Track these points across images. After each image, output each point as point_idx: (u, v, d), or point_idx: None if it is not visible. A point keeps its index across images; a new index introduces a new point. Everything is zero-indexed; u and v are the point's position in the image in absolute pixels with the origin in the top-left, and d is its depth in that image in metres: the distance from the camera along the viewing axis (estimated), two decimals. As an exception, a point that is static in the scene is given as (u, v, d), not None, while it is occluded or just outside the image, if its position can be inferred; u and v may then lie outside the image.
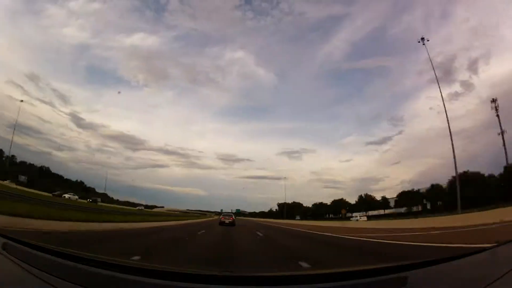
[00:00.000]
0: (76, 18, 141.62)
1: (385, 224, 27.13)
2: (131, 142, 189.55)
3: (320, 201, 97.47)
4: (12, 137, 58.71)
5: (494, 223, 13.11)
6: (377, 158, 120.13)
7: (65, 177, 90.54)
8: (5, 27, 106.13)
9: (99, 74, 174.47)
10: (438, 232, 13.83)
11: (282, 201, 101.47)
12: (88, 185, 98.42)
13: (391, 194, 78.90)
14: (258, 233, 16.91)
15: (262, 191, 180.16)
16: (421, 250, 8.13)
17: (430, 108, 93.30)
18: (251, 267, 5.79)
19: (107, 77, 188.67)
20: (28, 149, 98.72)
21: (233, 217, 33.64)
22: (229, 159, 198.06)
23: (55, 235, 9.05)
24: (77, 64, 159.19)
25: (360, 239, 12.75)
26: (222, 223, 28.05)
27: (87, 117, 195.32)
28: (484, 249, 1.64)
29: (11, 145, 60.36)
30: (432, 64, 34.45)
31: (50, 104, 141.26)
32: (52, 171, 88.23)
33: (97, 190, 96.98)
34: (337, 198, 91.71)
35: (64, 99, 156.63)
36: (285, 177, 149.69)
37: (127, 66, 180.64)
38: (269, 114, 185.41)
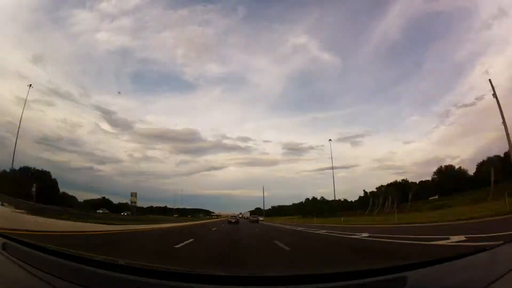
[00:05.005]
0: (111, 20, 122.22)
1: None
2: (179, 139, 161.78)
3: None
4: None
5: None
6: (443, 134, 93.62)
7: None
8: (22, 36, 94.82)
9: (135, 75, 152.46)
10: None
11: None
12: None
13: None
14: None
15: (324, 185, 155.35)
16: None
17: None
18: (254, 268, 5.78)
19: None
20: (70, 167, 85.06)
21: (237, 218, 42.09)
22: (295, 148, 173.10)
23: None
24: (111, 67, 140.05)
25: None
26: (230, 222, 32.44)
27: (124, 115, 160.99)
28: (484, 249, 1.64)
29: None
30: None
31: (69, 97, 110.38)
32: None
33: (154, 202, 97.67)
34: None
35: (83, 88, 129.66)
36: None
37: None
38: (330, 101, 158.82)
